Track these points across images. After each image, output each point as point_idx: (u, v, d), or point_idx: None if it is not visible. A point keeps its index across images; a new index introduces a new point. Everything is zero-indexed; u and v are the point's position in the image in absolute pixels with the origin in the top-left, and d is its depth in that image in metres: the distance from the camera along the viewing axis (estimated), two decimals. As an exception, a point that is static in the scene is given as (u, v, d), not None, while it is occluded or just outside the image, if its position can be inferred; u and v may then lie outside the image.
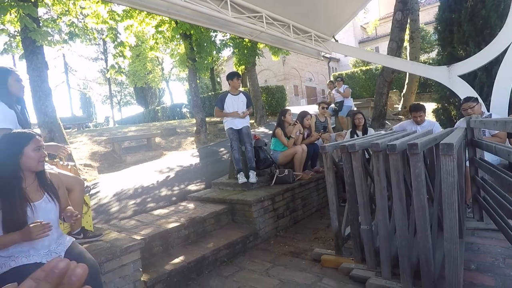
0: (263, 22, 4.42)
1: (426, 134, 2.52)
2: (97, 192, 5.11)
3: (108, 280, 2.02)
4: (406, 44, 9.92)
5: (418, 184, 1.76)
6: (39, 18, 6.22)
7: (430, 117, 5.71)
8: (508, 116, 3.74)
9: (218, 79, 28.53)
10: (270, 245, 3.18)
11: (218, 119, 11.86)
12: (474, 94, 4.01)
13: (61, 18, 7.44)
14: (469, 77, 4.56)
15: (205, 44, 10.11)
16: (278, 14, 4.69)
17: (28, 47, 5.88)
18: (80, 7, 7.60)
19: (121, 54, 8.18)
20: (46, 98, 6.09)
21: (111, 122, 27.49)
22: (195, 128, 11.02)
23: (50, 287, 0.35)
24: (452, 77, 4.48)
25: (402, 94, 10.50)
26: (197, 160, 7.29)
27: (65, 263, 0.37)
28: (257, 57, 12.62)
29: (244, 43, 11.35)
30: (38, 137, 1.58)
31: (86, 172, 7.04)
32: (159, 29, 9.67)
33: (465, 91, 4.23)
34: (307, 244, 3.04)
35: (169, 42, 10.64)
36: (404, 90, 10.28)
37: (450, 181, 1.63)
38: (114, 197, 4.66)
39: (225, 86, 25.70)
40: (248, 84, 13.65)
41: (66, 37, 7.36)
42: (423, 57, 15.88)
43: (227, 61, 26.41)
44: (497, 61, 4.11)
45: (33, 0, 5.68)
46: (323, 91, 27.36)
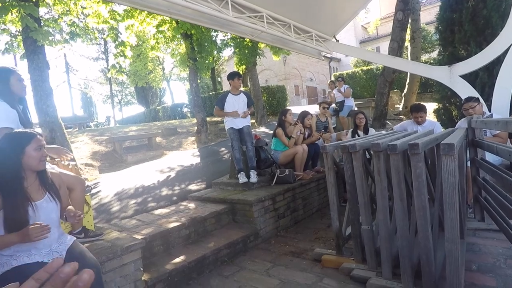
0: (264, 22, 4.42)
1: (427, 134, 2.51)
2: (98, 192, 5.12)
3: (109, 280, 2.03)
4: (407, 44, 9.90)
5: (419, 184, 1.76)
6: (40, 18, 6.23)
7: (431, 117, 5.69)
8: (510, 116, 3.74)
9: (219, 79, 28.55)
10: (271, 245, 3.18)
11: (219, 119, 11.87)
12: (475, 94, 4.00)
13: (62, 18, 7.46)
14: (471, 77, 4.55)
15: (206, 44, 10.11)
16: (279, 14, 4.69)
17: (29, 47, 5.89)
18: (81, 7, 7.61)
19: (122, 54, 8.19)
20: (47, 98, 6.10)
21: (112, 122, 27.55)
22: (196, 128, 11.03)
23: None
24: (453, 77, 4.48)
25: (403, 94, 10.49)
26: (198, 160, 7.30)
27: (70, 268, 0.36)
28: (258, 57, 12.61)
29: (245, 43, 11.35)
30: (39, 137, 1.58)
31: (87, 172, 7.05)
32: (160, 29, 9.68)
33: (466, 91, 4.22)
34: (308, 244, 3.04)
35: (170, 42, 10.64)
36: (405, 90, 10.27)
37: (451, 181, 1.63)
38: (115, 197, 4.66)
39: (226, 86, 25.71)
40: (249, 84, 13.65)
41: (67, 37, 7.38)
42: (424, 57, 15.84)
43: (228, 61, 26.40)
44: (499, 61, 4.10)
45: (34, 0, 5.69)
46: (324, 91, 27.35)
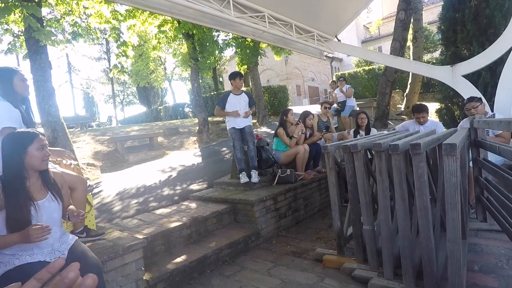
0: (266, 22, 4.42)
1: (429, 134, 2.51)
2: (100, 191, 5.13)
3: (111, 279, 2.04)
4: (409, 44, 9.88)
5: (421, 184, 1.75)
6: (43, 18, 6.25)
7: (433, 117, 5.68)
8: (512, 116, 3.72)
9: (221, 79, 28.59)
10: (272, 245, 3.18)
11: (221, 119, 11.86)
12: (478, 94, 3.98)
13: (65, 18, 7.49)
14: (473, 77, 4.53)
15: (208, 44, 10.12)
16: (281, 14, 4.69)
17: (32, 47, 5.91)
18: (83, 7, 7.64)
19: (124, 54, 8.21)
20: (50, 98, 6.12)
21: (114, 122, 27.67)
22: (198, 128, 11.04)
23: None
24: (456, 77, 4.46)
25: (405, 94, 10.46)
26: (199, 160, 7.31)
27: (75, 274, 0.37)
28: (260, 57, 12.61)
29: (247, 43, 11.35)
30: (42, 136, 1.59)
31: (89, 171, 7.07)
32: (162, 29, 9.71)
33: (469, 91, 4.20)
34: (309, 244, 3.04)
35: (172, 42, 10.65)
36: (407, 90, 10.23)
37: (453, 181, 1.62)
38: (117, 196, 4.68)
39: (227, 86, 25.75)
40: (251, 84, 13.65)
41: (70, 37, 7.40)
42: (427, 57, 15.80)
43: (230, 61, 26.45)
44: (501, 61, 4.08)
45: (37, 0, 5.71)
46: (326, 91, 27.33)
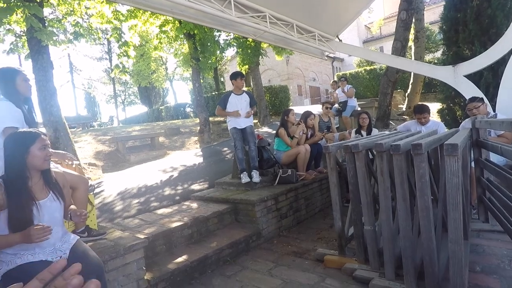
0: (267, 22, 4.41)
1: (431, 135, 2.50)
2: (101, 191, 5.14)
3: (112, 278, 2.04)
4: (411, 44, 9.86)
5: (422, 185, 1.75)
6: (45, 18, 6.26)
7: (435, 118, 5.66)
8: (514, 117, 3.71)
9: (222, 79, 28.58)
10: (273, 245, 3.18)
11: (222, 119, 11.88)
12: (480, 94, 3.97)
13: (66, 18, 7.50)
14: (475, 77, 4.52)
15: (209, 44, 10.13)
16: (282, 14, 4.68)
17: (34, 47, 5.93)
18: (85, 7, 7.65)
19: (125, 54, 8.21)
20: (51, 98, 6.14)
21: (115, 122, 27.66)
22: (199, 128, 11.05)
23: None
24: (458, 77, 4.45)
25: (407, 94, 10.44)
26: (201, 160, 7.31)
27: (79, 280, 0.37)
28: (261, 57, 12.62)
29: (248, 43, 11.35)
30: (44, 136, 1.59)
31: (91, 171, 7.08)
32: (163, 29, 9.71)
33: (471, 91, 4.19)
34: (310, 244, 3.04)
35: (173, 42, 10.66)
36: (409, 90, 10.21)
37: (455, 182, 1.62)
38: (118, 196, 4.68)
39: (229, 86, 25.71)
40: (252, 84, 13.65)
41: (71, 37, 7.42)
42: (428, 57, 15.77)
43: (231, 61, 26.45)
44: (503, 61, 4.07)
45: (39, 1, 5.72)
46: (327, 91, 27.29)
